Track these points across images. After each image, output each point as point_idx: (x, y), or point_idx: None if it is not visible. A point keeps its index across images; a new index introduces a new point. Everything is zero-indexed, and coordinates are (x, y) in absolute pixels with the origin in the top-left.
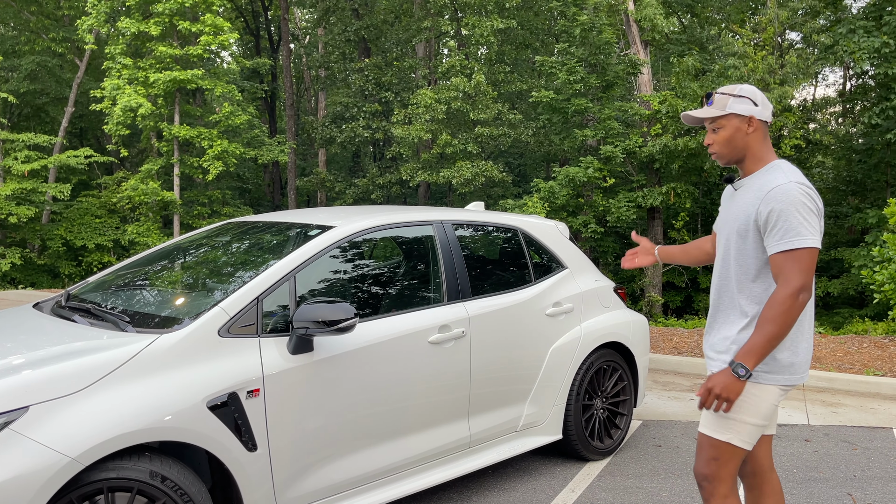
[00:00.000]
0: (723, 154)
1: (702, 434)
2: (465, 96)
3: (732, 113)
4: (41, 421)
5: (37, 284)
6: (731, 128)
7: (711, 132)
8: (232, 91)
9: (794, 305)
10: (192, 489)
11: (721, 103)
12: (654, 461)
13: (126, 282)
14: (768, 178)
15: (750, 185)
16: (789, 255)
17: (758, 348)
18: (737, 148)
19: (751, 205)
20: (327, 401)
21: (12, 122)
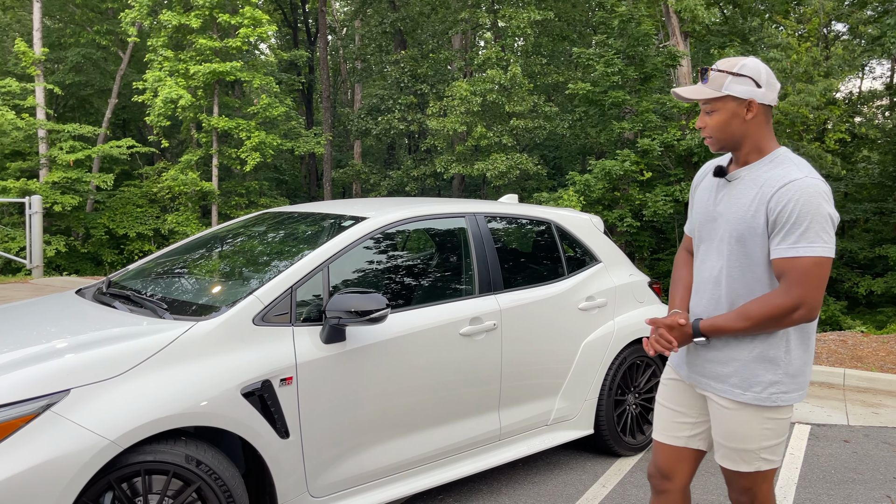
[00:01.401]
0: (716, 140)
1: (725, 468)
2: (501, 88)
3: (729, 95)
4: (82, 404)
5: (80, 271)
6: (728, 112)
7: (705, 114)
8: (270, 83)
9: (785, 318)
10: (225, 474)
11: (717, 82)
12: None
13: (165, 270)
14: (779, 171)
15: (750, 177)
16: (798, 262)
17: (722, 330)
18: (733, 135)
19: (756, 201)
20: (359, 390)
21: (58, 112)
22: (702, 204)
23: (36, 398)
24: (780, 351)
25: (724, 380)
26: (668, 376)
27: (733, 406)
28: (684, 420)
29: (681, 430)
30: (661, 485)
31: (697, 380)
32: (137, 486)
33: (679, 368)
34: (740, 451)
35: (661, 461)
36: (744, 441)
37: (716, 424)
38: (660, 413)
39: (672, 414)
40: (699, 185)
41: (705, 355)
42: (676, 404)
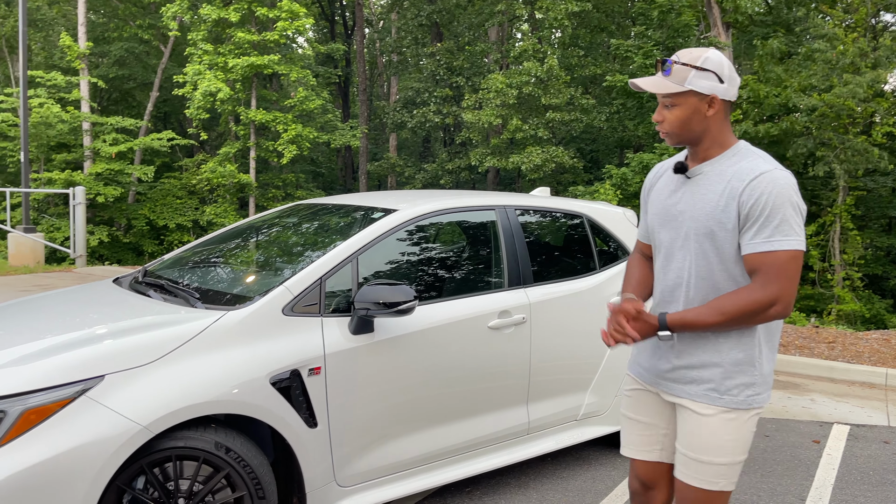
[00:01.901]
0: (674, 135)
1: (686, 485)
2: (537, 81)
3: (692, 90)
4: (115, 389)
5: (122, 261)
6: (689, 107)
7: (663, 107)
8: (307, 76)
9: (761, 314)
10: (254, 462)
11: (680, 76)
12: None
13: (199, 259)
14: (745, 164)
15: (714, 171)
16: (774, 256)
17: (692, 325)
18: (692, 131)
19: (725, 195)
20: (386, 381)
21: (102, 105)
22: (659, 205)
23: (71, 383)
24: (754, 352)
25: (699, 384)
26: (630, 387)
27: (708, 412)
28: (654, 433)
29: (652, 445)
30: (645, 499)
31: (667, 386)
32: (169, 471)
33: (641, 376)
34: (707, 465)
35: (641, 474)
36: (714, 453)
37: (684, 434)
38: (627, 427)
39: (641, 427)
40: (654, 187)
41: (676, 361)
42: (644, 415)
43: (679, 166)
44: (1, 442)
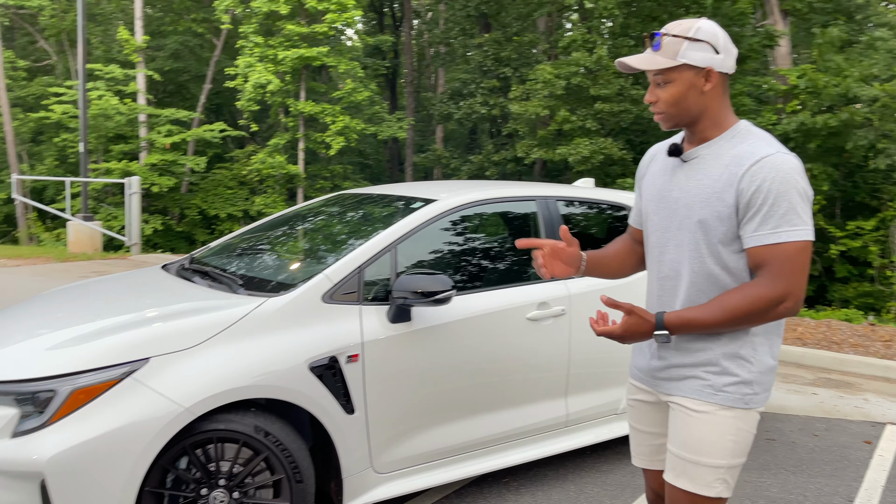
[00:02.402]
0: (670, 116)
1: (675, 488)
2: (587, 71)
3: (686, 63)
4: (159, 372)
5: (175, 249)
6: (684, 83)
7: (655, 86)
8: (355, 68)
9: (770, 312)
10: (292, 446)
11: (671, 49)
12: (765, 455)
13: (243, 247)
14: (745, 146)
15: (712, 155)
16: (781, 248)
17: (692, 324)
18: (689, 110)
19: (722, 181)
20: (423, 370)
21: (157, 98)
22: (653, 190)
23: (118, 365)
24: (748, 348)
25: (693, 380)
26: (631, 395)
27: (702, 408)
28: (661, 441)
29: (661, 454)
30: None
31: (661, 385)
32: (210, 452)
33: (639, 379)
34: (701, 466)
35: (654, 485)
36: (708, 454)
37: (676, 434)
38: (635, 438)
39: (648, 437)
40: (648, 171)
41: (670, 357)
42: (649, 425)
43: (673, 148)
44: (51, 420)
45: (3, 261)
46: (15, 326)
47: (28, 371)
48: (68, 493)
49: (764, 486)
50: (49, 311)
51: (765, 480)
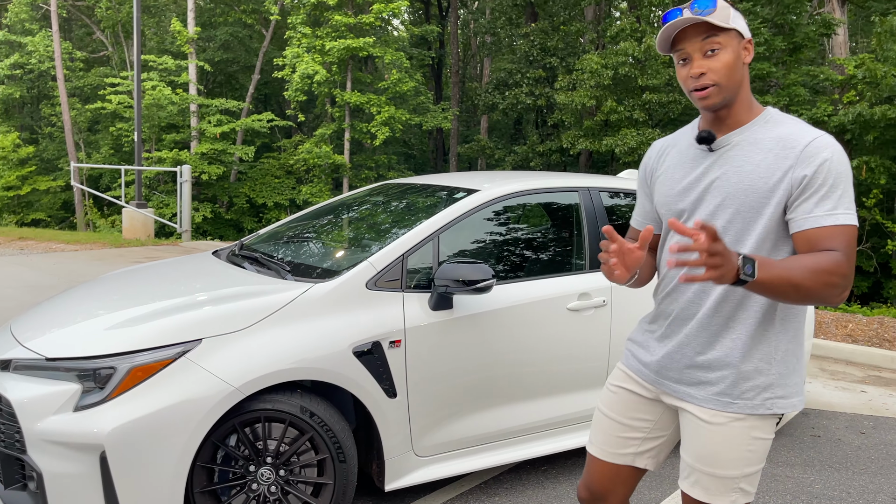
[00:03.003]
0: (722, 88)
1: (693, 499)
2: (635, 61)
3: (735, 29)
4: (211, 352)
5: (224, 237)
6: (734, 50)
7: (703, 56)
8: (401, 58)
9: (836, 288)
10: (336, 427)
11: (723, 14)
12: (809, 451)
13: (290, 235)
14: (787, 129)
15: (750, 141)
16: (842, 230)
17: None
18: (737, 82)
19: (773, 167)
20: (464, 357)
21: (207, 88)
22: (676, 183)
23: (173, 345)
24: (769, 348)
25: (708, 387)
26: (618, 382)
27: (718, 420)
28: (632, 435)
29: (626, 447)
30: None
31: (672, 388)
32: (258, 431)
33: (639, 373)
34: (717, 478)
35: (595, 480)
36: (724, 466)
37: (689, 444)
38: (601, 424)
39: (617, 427)
40: (660, 166)
41: (686, 360)
42: (625, 416)
43: (706, 135)
44: (111, 395)
45: (63, 245)
46: (75, 308)
47: (90, 349)
48: (126, 464)
49: (807, 482)
50: (107, 294)
51: (808, 477)
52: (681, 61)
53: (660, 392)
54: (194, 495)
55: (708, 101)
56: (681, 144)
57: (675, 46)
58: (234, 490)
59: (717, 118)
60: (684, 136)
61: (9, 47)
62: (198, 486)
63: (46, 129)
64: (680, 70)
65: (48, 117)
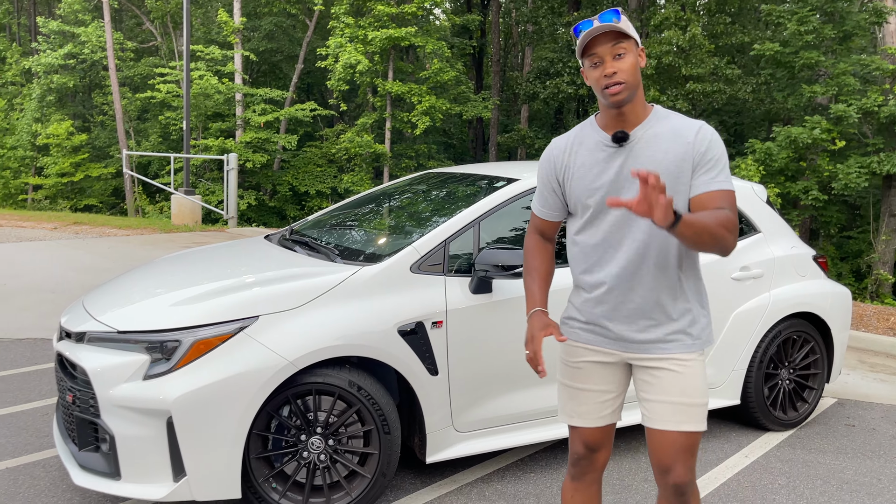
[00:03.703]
0: (629, 86)
1: (677, 433)
2: (679, 50)
3: (634, 38)
4: (267, 328)
5: (268, 224)
6: (634, 55)
7: (613, 59)
8: (442, 48)
9: (735, 233)
10: (381, 401)
11: (626, 24)
12: (843, 439)
13: (338, 221)
14: (675, 121)
15: (651, 135)
16: (727, 194)
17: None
18: (637, 81)
19: (676, 153)
20: (502, 339)
21: (252, 77)
22: (595, 178)
23: (233, 321)
24: (703, 299)
25: (677, 340)
26: (577, 358)
27: (689, 358)
28: (607, 398)
29: (605, 409)
30: (589, 464)
31: (643, 349)
32: (309, 403)
33: (601, 343)
34: (691, 406)
35: (589, 439)
36: (701, 395)
37: (667, 388)
38: (579, 398)
39: (595, 395)
40: (573, 161)
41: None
42: (601, 384)
43: (620, 135)
44: (177, 366)
45: (115, 230)
46: (141, 286)
47: (157, 323)
48: (190, 429)
49: (838, 468)
50: (169, 274)
51: (840, 463)
52: (593, 65)
53: (626, 355)
54: (250, 460)
55: (618, 97)
56: (587, 143)
57: (587, 52)
58: (287, 457)
59: (621, 114)
60: (587, 136)
61: (63, 37)
62: (254, 451)
63: (98, 117)
64: (591, 72)
65: (100, 106)
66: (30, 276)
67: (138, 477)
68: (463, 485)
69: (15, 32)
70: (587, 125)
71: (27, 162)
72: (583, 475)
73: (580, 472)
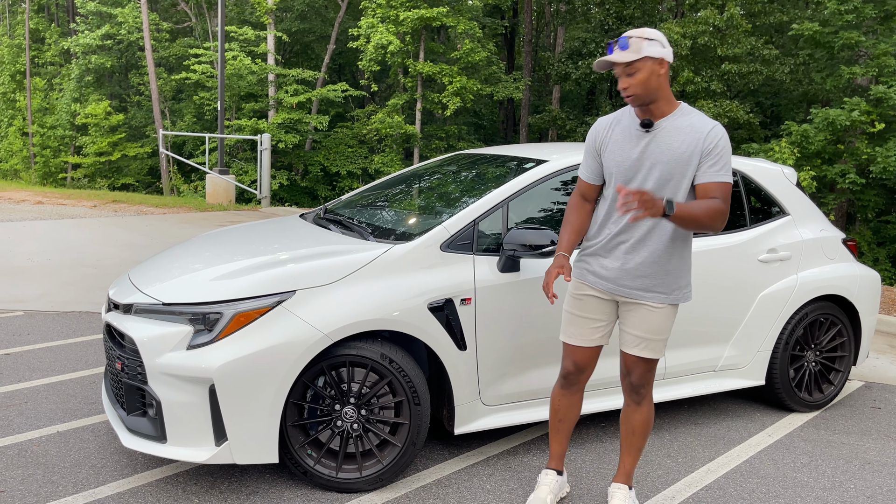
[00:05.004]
0: (639, 96)
1: (636, 357)
2: (715, 30)
3: (647, 56)
4: (304, 302)
5: (299, 203)
6: (647, 70)
7: (626, 76)
8: (473, 28)
9: (721, 219)
10: (412, 373)
11: (636, 47)
12: (868, 421)
13: (370, 201)
14: (694, 119)
15: (671, 127)
16: (724, 185)
17: (688, 213)
18: (651, 89)
19: (690, 144)
20: (529, 316)
21: (284, 58)
22: (621, 152)
23: (271, 294)
24: (682, 264)
25: (653, 289)
26: (581, 291)
27: (660, 306)
28: (597, 325)
29: (594, 334)
30: (576, 378)
31: (627, 292)
32: (343, 374)
33: (597, 285)
34: (655, 341)
35: (578, 360)
36: (660, 332)
37: (641, 323)
38: (574, 322)
39: (588, 322)
40: (609, 139)
41: (634, 271)
42: (591, 314)
43: (647, 122)
44: (219, 336)
45: (152, 209)
46: (183, 261)
47: (200, 296)
48: (231, 396)
49: (861, 449)
50: (210, 249)
51: (863, 444)
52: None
53: (615, 295)
54: (287, 427)
55: (631, 101)
56: (623, 123)
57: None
58: (322, 426)
59: (646, 110)
60: (624, 117)
61: (100, 18)
62: (290, 419)
63: (135, 97)
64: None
65: (136, 86)
66: (73, 252)
67: (183, 441)
68: (489, 456)
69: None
70: (627, 110)
71: (66, 141)
72: (570, 386)
73: (568, 384)
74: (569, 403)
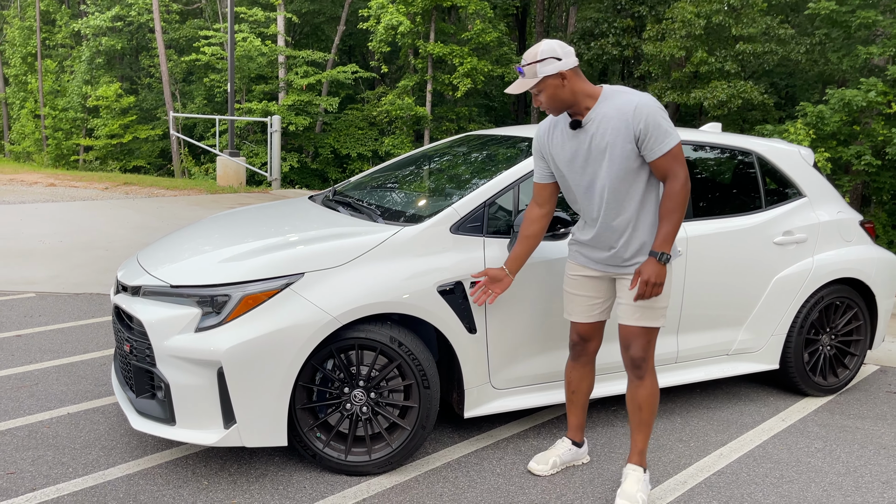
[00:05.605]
0: (555, 108)
1: (633, 327)
2: (730, 9)
3: (544, 76)
4: (312, 285)
5: (310, 186)
6: (550, 87)
7: (536, 95)
8: (484, 8)
9: (687, 193)
10: (422, 356)
11: (531, 73)
12: (882, 406)
13: (379, 182)
14: (619, 100)
15: (598, 116)
16: (669, 154)
17: (671, 236)
18: (563, 100)
19: (621, 128)
20: (539, 299)
21: (294, 40)
22: (566, 152)
23: (279, 277)
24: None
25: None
26: (576, 272)
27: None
28: (596, 302)
29: (594, 310)
30: (583, 349)
31: (616, 270)
32: (352, 357)
33: (589, 265)
34: (653, 308)
35: (582, 332)
36: (656, 300)
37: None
38: (575, 301)
39: (586, 299)
40: (551, 142)
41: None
42: (590, 292)
43: (575, 123)
44: (227, 319)
45: (163, 191)
46: (191, 243)
47: (208, 278)
48: (239, 379)
49: (876, 434)
50: (218, 231)
51: (878, 429)
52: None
53: (607, 273)
54: (296, 410)
55: (553, 113)
56: (560, 125)
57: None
58: (330, 409)
59: (573, 111)
60: (560, 120)
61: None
62: (299, 402)
63: (145, 79)
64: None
65: (147, 68)
66: (84, 234)
67: (192, 423)
68: (500, 440)
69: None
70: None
71: (78, 123)
72: (578, 357)
73: (576, 355)
74: (580, 375)
